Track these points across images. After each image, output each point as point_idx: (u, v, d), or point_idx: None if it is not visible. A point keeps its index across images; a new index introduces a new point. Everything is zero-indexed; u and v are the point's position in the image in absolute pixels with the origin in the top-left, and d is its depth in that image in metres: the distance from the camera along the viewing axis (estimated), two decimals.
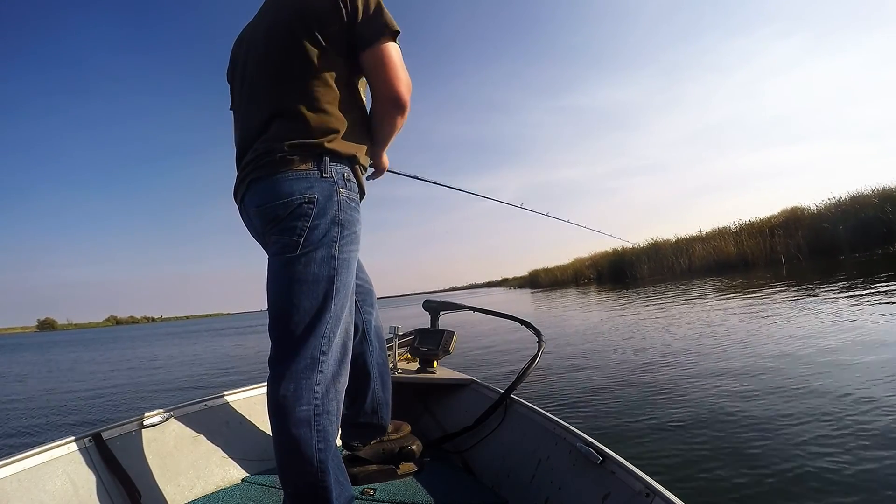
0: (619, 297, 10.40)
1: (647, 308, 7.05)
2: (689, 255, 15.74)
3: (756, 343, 3.50)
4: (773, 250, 13.13)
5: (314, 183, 0.91)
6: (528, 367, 1.43)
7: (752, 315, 4.85)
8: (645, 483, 0.81)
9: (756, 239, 13.87)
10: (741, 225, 15.39)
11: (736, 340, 3.70)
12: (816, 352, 2.97)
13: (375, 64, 0.92)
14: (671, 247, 17.10)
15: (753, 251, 13.75)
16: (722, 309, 5.68)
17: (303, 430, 0.87)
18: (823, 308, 4.56)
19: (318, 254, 0.91)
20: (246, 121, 1.00)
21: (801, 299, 5.44)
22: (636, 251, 18.26)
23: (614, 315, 6.82)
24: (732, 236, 14.88)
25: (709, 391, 2.50)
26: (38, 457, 1.03)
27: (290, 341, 0.90)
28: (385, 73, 0.92)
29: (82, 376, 6.71)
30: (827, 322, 3.84)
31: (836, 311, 4.24)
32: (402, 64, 0.94)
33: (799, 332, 3.64)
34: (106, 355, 10.55)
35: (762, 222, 14.65)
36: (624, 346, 4.19)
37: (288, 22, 0.93)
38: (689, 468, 1.64)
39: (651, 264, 17.00)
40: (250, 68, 1.00)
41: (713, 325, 4.54)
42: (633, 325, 5.37)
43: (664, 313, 6.15)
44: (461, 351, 4.01)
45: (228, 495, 1.20)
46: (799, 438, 1.77)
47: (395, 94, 0.94)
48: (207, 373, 5.76)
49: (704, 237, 16.30)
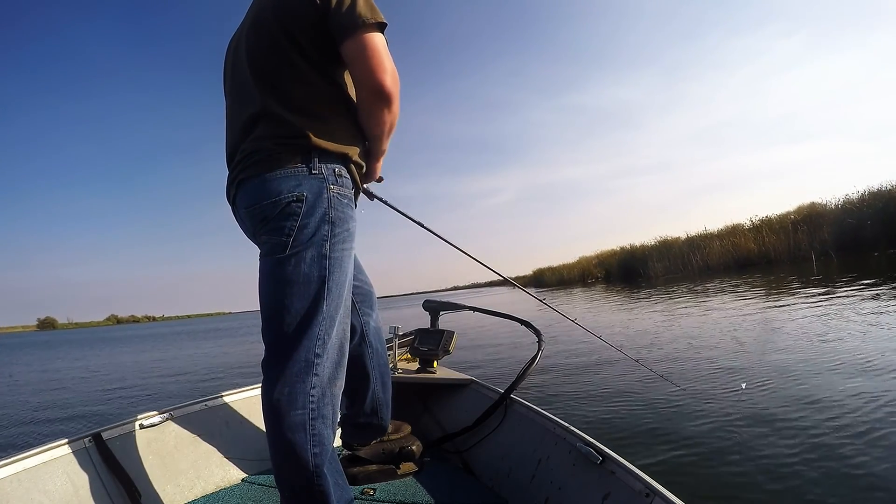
0: (629, 296, 10.32)
1: (666, 308, 6.97)
2: (706, 253, 15.56)
3: (778, 344, 3.47)
4: (798, 247, 12.91)
5: (303, 181, 0.91)
6: (528, 366, 1.45)
7: (790, 315, 4.64)
8: (645, 483, 0.83)
9: (778, 235, 13.63)
10: (759, 221, 15.19)
11: (759, 340, 3.67)
12: (838, 355, 2.95)
13: (355, 55, 0.90)
14: (684, 244, 16.97)
15: (776, 248, 13.53)
16: (760, 309, 5.41)
17: (298, 434, 0.88)
18: (869, 307, 4.36)
19: (308, 253, 0.91)
20: (234, 121, 1.02)
21: (853, 299, 5.07)
22: (647, 249, 18.14)
23: (623, 316, 6.78)
24: (752, 232, 14.66)
25: (709, 391, 2.52)
26: (38, 457, 1.05)
27: (283, 344, 0.91)
28: (365, 63, 0.89)
29: (81, 377, 6.84)
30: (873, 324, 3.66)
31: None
32: (386, 53, 0.91)
33: (831, 334, 3.55)
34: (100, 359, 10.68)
35: (781, 218, 14.46)
36: (627, 346, 4.18)
37: (266, 22, 0.95)
38: (690, 468, 1.66)
39: (665, 262, 16.86)
40: (237, 69, 1.02)
41: (739, 329, 4.41)
42: (647, 326, 5.32)
43: (685, 313, 6.06)
44: (461, 351, 4.03)
45: (228, 495, 1.23)
46: (799, 438, 1.79)
47: (377, 85, 0.91)
48: (208, 374, 5.85)
49: (719, 234, 16.15)
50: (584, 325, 2.01)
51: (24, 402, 4.88)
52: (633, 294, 10.84)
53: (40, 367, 9.09)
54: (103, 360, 9.43)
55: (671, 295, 8.96)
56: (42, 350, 16.33)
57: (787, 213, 14.59)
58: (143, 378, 6.04)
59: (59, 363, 9.65)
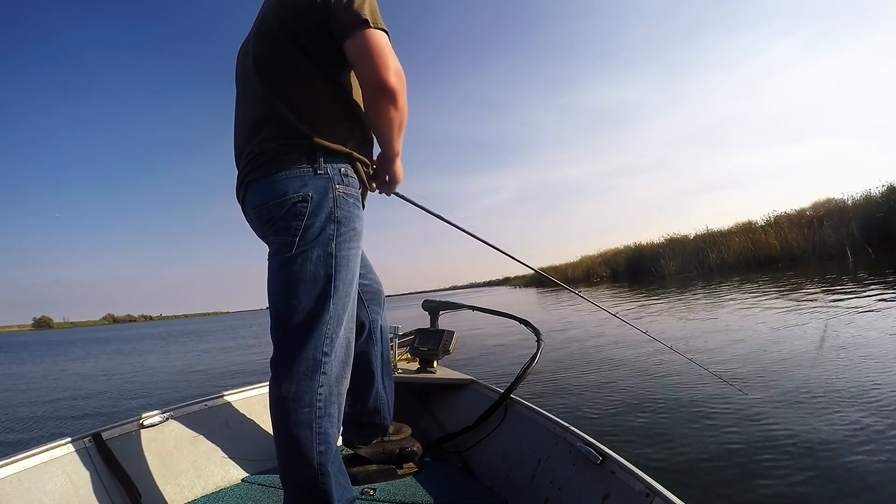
0: (640, 297, 10.24)
1: (684, 309, 6.81)
2: (724, 250, 15.35)
3: (797, 346, 3.45)
4: (824, 243, 12.64)
5: (308, 181, 0.95)
6: (528, 366, 1.48)
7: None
8: (645, 483, 0.85)
9: (801, 231, 13.36)
10: (776, 216, 15.01)
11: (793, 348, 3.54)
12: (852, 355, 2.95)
13: (358, 53, 0.92)
14: (696, 241, 16.83)
15: (800, 244, 13.27)
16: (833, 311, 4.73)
17: (304, 431, 0.91)
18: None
19: (314, 253, 0.95)
20: (242, 123, 1.06)
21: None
22: (656, 246, 18.01)
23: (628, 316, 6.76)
24: (773, 229, 14.44)
25: (710, 392, 2.55)
26: (38, 457, 1.08)
27: (291, 342, 0.94)
28: (368, 61, 0.91)
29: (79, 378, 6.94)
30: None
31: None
32: (390, 50, 0.93)
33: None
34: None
35: (798, 214, 14.31)
36: (627, 346, 4.23)
37: (271, 27, 0.99)
38: (690, 468, 1.69)
39: (678, 260, 16.70)
40: (246, 74, 1.07)
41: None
42: (651, 326, 5.29)
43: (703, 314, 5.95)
44: (461, 351, 4.07)
45: (228, 495, 1.26)
46: (800, 438, 1.81)
47: (381, 83, 0.92)
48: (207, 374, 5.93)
49: (732, 231, 15.98)
50: (659, 338, 2.03)
51: (23, 402, 4.96)
52: (654, 293, 10.74)
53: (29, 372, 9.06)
54: (100, 363, 9.51)
55: (711, 294, 8.42)
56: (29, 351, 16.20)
57: (803, 209, 14.45)
58: (143, 378, 6.14)
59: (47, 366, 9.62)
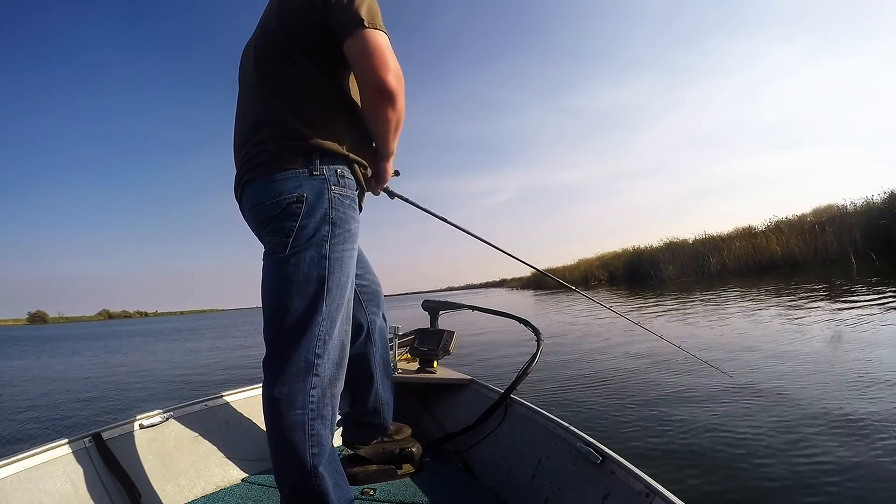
0: (639, 300, 10.24)
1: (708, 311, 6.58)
2: (723, 254, 15.41)
3: (792, 352, 3.46)
4: (826, 248, 12.66)
5: (303, 182, 0.96)
6: (528, 366, 1.49)
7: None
8: (645, 483, 0.86)
9: (803, 236, 13.38)
10: (777, 222, 15.05)
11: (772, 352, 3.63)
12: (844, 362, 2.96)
13: (357, 53, 0.92)
14: (696, 245, 16.90)
15: (801, 250, 13.27)
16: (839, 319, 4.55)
17: (297, 434, 0.91)
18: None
19: (308, 254, 0.95)
20: (242, 123, 1.08)
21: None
22: (655, 250, 18.09)
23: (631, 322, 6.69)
24: (773, 233, 14.49)
25: (710, 392, 2.56)
26: (38, 457, 1.09)
27: (283, 343, 0.95)
28: (367, 61, 0.91)
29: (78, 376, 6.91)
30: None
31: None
32: (389, 51, 0.93)
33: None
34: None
35: (799, 219, 14.38)
36: (627, 346, 4.23)
37: (272, 28, 1.01)
38: (689, 468, 1.70)
39: (677, 264, 16.75)
40: (247, 75, 1.08)
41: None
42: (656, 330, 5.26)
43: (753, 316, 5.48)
44: (461, 351, 4.08)
45: (228, 495, 1.28)
46: (800, 439, 1.83)
47: (379, 83, 0.92)
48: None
49: (731, 236, 16.06)
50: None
51: (24, 402, 4.95)
52: (654, 295, 10.76)
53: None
54: (97, 361, 9.47)
55: (715, 299, 8.23)
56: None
57: (804, 214, 14.54)
58: (142, 378, 6.12)
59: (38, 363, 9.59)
